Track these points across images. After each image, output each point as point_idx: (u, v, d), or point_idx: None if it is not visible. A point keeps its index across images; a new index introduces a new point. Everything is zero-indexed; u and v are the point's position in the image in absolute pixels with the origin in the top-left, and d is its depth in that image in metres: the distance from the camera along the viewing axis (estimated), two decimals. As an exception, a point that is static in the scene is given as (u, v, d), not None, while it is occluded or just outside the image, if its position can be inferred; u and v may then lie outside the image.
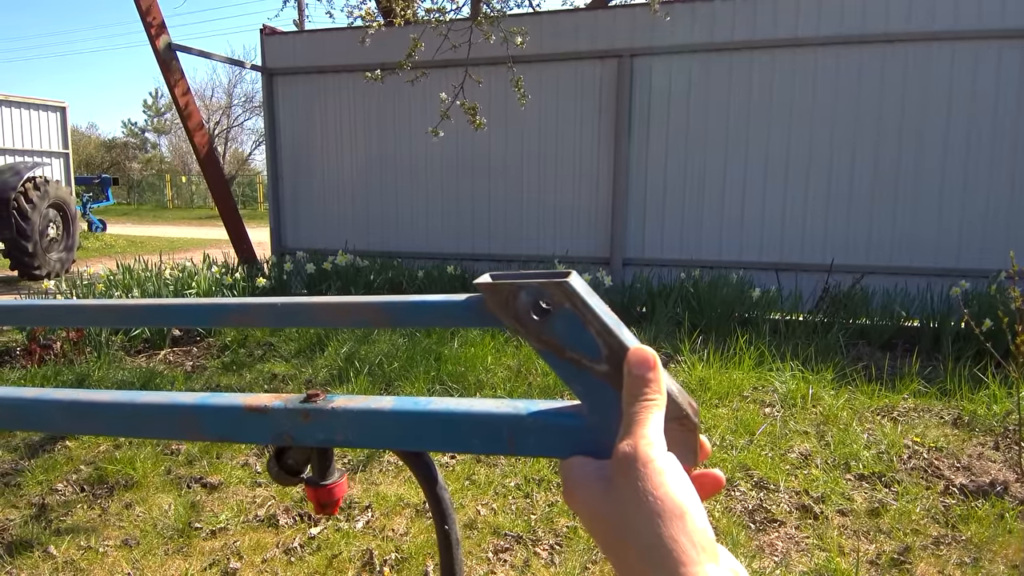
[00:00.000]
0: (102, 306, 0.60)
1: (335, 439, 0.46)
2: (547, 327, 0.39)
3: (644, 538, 0.35)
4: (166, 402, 0.50)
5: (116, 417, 0.52)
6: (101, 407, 0.52)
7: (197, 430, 0.49)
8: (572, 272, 0.40)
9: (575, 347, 0.40)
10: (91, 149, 33.18)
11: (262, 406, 0.47)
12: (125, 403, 0.51)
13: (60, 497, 2.94)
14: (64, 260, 9.77)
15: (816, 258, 5.94)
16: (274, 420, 0.47)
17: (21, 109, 12.54)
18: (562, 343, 0.40)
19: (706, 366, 4.33)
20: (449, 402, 0.45)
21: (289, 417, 0.46)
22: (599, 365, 0.39)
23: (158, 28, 6.52)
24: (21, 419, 0.56)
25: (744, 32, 5.89)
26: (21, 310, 0.64)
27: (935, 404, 3.90)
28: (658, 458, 0.37)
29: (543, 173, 6.67)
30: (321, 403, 0.46)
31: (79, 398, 0.53)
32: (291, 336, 5.17)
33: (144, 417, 0.51)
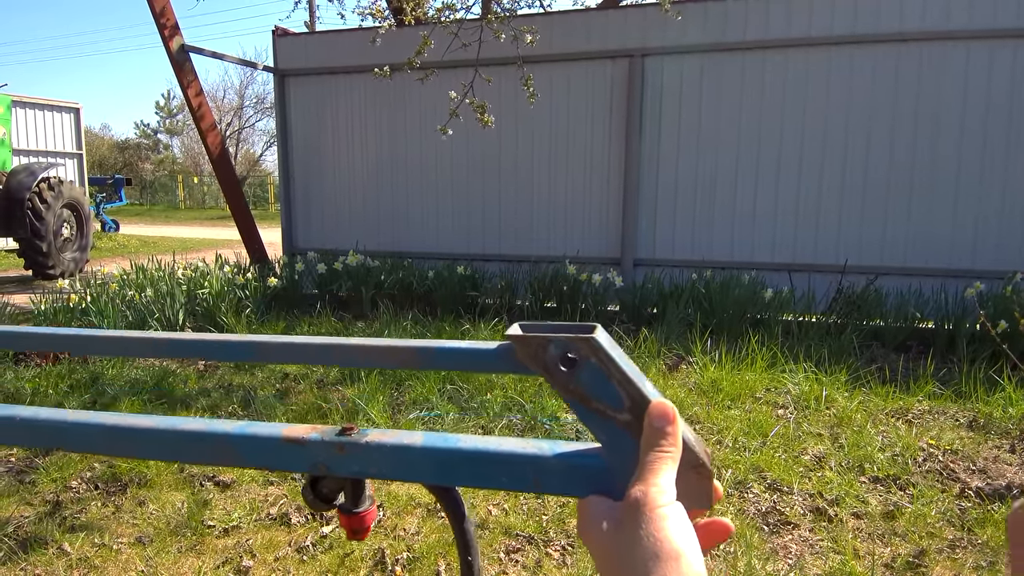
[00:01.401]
0: (160, 340, 0.61)
1: (368, 471, 0.48)
2: (574, 378, 0.42)
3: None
4: (206, 430, 0.52)
5: (157, 442, 0.53)
6: (142, 432, 0.53)
7: (236, 458, 0.52)
8: (597, 326, 0.43)
9: (600, 398, 0.43)
10: (104, 150, 33.48)
11: (299, 438, 0.49)
12: (166, 429, 0.53)
13: (74, 494, 2.96)
14: (78, 260, 9.84)
15: (829, 259, 5.90)
16: (311, 451, 0.49)
17: (36, 110, 12.68)
18: (588, 393, 0.43)
19: (718, 367, 4.31)
20: (477, 440, 0.48)
21: (325, 449, 0.49)
22: (621, 415, 0.42)
23: (172, 30, 6.57)
24: (64, 441, 0.57)
25: (757, 32, 5.86)
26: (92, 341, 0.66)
27: (950, 406, 3.86)
28: (664, 505, 0.40)
29: (554, 173, 6.66)
30: (355, 436, 0.48)
31: (121, 423, 0.55)
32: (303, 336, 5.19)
33: (184, 443, 0.53)
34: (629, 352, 4.68)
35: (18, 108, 11.82)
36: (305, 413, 3.73)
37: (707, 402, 3.88)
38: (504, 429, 3.53)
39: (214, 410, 3.83)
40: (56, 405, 3.80)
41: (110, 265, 7.20)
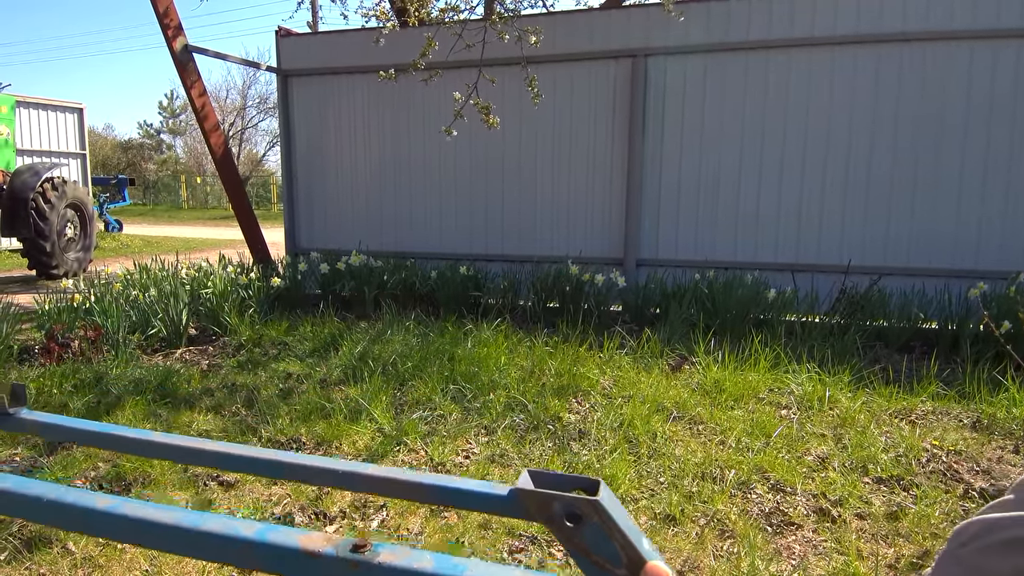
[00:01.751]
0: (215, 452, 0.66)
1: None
2: (578, 534, 0.46)
3: None
4: (226, 532, 0.54)
5: (179, 539, 0.56)
6: (166, 529, 0.56)
7: (252, 562, 0.54)
8: (601, 484, 0.47)
9: (600, 553, 0.46)
10: (107, 150, 33.54)
11: (315, 551, 0.52)
12: (189, 528, 0.55)
13: (79, 494, 2.97)
14: (81, 260, 9.87)
15: (832, 259, 5.89)
16: (325, 566, 0.52)
17: (39, 110, 12.71)
18: (590, 548, 0.46)
19: (721, 367, 4.31)
20: (485, 568, 0.50)
21: (337, 566, 0.51)
22: (619, 570, 0.46)
23: (175, 30, 6.58)
24: (92, 527, 0.60)
25: (760, 32, 5.86)
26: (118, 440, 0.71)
27: (954, 407, 3.85)
28: None
29: (556, 173, 6.66)
30: (368, 555, 0.51)
31: (147, 516, 0.57)
32: (305, 335, 5.20)
33: (204, 543, 0.55)
34: (632, 353, 4.68)
35: (22, 108, 11.85)
36: (308, 413, 3.73)
37: (710, 402, 3.88)
38: (507, 429, 3.54)
39: (218, 410, 3.84)
40: (61, 405, 3.82)
41: (113, 265, 7.22)
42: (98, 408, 3.82)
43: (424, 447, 3.37)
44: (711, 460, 3.19)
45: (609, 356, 4.60)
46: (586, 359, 4.52)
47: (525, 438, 3.45)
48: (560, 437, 3.47)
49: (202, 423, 3.68)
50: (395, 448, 3.38)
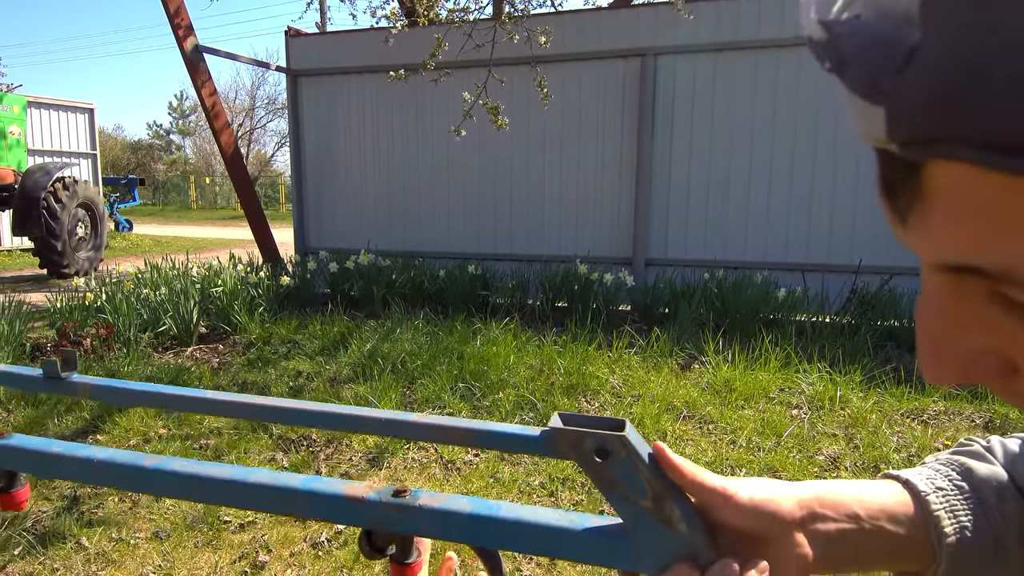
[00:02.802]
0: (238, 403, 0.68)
1: (419, 531, 0.55)
2: (607, 468, 0.49)
3: None
4: (275, 483, 0.58)
5: (229, 491, 0.59)
6: (216, 481, 0.59)
7: (300, 510, 0.57)
8: (626, 423, 0.49)
9: (627, 485, 0.49)
10: (117, 150, 33.77)
11: (359, 497, 0.55)
12: (239, 480, 0.58)
13: (91, 490, 2.99)
14: (92, 259, 9.93)
15: (843, 259, 5.87)
16: (368, 509, 0.55)
17: (50, 111, 12.81)
18: (617, 481, 0.50)
19: (731, 367, 4.29)
20: (518, 509, 0.54)
21: (381, 509, 0.55)
22: (645, 501, 0.49)
23: (186, 30, 6.62)
24: (142, 484, 0.63)
25: (770, 31, 5.84)
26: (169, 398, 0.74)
27: (966, 407, 3.83)
28: None
29: (565, 172, 6.66)
30: (409, 499, 0.55)
31: (197, 471, 0.60)
32: (315, 334, 5.22)
33: (254, 493, 0.58)
34: (642, 352, 4.68)
35: (33, 108, 11.94)
36: (318, 411, 3.74)
37: (720, 402, 3.87)
38: (517, 427, 3.53)
39: (228, 407, 3.85)
40: (72, 403, 3.84)
41: (124, 264, 7.26)
42: (111, 404, 3.85)
43: (434, 444, 3.37)
44: (722, 459, 3.18)
45: (618, 355, 4.60)
46: (595, 358, 4.51)
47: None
48: (570, 436, 3.46)
49: (213, 420, 3.70)
50: (405, 446, 3.38)
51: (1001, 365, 0.29)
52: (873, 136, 0.27)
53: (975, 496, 0.49)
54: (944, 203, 0.26)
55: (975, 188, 0.24)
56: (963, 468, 0.51)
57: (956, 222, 0.25)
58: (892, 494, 0.50)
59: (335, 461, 3.26)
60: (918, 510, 0.49)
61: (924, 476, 0.51)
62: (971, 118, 0.22)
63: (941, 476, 0.51)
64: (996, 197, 0.23)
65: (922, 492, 0.50)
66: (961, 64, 0.21)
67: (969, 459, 0.53)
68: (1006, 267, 0.25)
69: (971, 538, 0.48)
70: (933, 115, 0.23)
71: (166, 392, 0.74)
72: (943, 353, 0.30)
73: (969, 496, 0.49)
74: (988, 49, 0.21)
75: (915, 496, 0.50)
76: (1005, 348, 0.29)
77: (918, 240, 0.28)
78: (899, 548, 0.48)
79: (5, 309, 5.02)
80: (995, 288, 0.27)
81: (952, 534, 0.47)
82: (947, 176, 0.25)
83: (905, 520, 0.49)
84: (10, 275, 10.00)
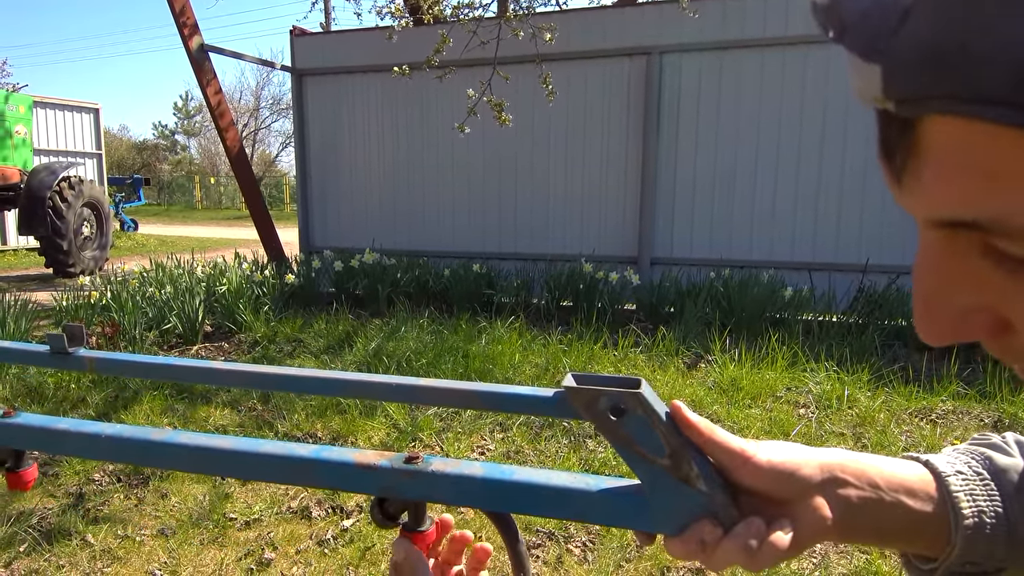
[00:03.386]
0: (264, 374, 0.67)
1: (432, 496, 0.54)
2: (622, 426, 0.48)
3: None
4: (284, 453, 0.57)
5: (238, 463, 0.58)
6: (225, 453, 0.58)
7: (311, 479, 0.57)
8: (642, 381, 0.48)
9: (644, 444, 0.48)
10: (123, 151, 33.87)
11: (370, 464, 0.54)
12: (248, 451, 0.58)
13: (97, 487, 2.99)
14: (98, 258, 9.95)
15: (850, 258, 5.84)
16: (380, 476, 0.55)
17: (56, 110, 12.84)
18: (634, 439, 0.48)
19: (738, 366, 4.27)
20: (532, 473, 0.53)
21: (393, 475, 0.54)
22: (662, 459, 0.48)
23: (191, 29, 6.62)
24: (149, 458, 0.62)
25: (776, 28, 5.81)
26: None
27: (974, 406, 3.80)
28: None
29: (570, 171, 6.64)
30: (421, 465, 0.54)
31: (205, 443, 0.59)
32: (320, 332, 5.21)
33: (263, 464, 0.57)
34: (647, 351, 4.66)
35: (39, 108, 11.97)
36: (324, 409, 3.74)
37: (727, 400, 3.85)
38: (522, 427, 3.52)
39: (234, 405, 3.85)
40: (78, 400, 3.85)
41: (130, 263, 7.28)
42: (116, 402, 3.85)
43: (439, 443, 3.36)
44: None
45: (624, 354, 4.58)
46: (600, 357, 4.50)
47: (540, 435, 3.43)
48: (575, 435, 3.45)
49: (218, 418, 3.69)
50: (410, 443, 3.37)
51: (993, 322, 0.30)
52: (871, 95, 0.27)
53: (994, 483, 0.49)
54: (936, 158, 0.26)
55: (965, 141, 0.25)
56: (983, 457, 0.51)
57: (947, 176, 0.26)
58: (914, 472, 0.50)
59: (340, 459, 3.25)
60: (939, 490, 0.49)
61: (945, 459, 0.51)
62: (961, 73, 0.23)
63: (961, 461, 0.51)
64: (986, 149, 0.24)
65: (943, 473, 0.49)
66: (949, 20, 0.23)
67: (989, 449, 0.52)
68: (996, 218, 0.25)
69: (988, 524, 0.47)
70: (925, 72, 0.24)
71: (174, 364, 0.73)
72: (935, 311, 0.31)
73: (988, 483, 0.49)
74: (975, 4, 0.22)
75: (936, 476, 0.49)
76: (996, 305, 0.29)
77: (913, 200, 0.29)
78: (917, 525, 0.48)
79: (10, 307, 5.02)
80: (986, 241, 0.27)
81: (970, 516, 0.47)
82: (939, 131, 0.26)
83: (925, 498, 0.48)
84: (16, 274, 10.03)
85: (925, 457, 0.52)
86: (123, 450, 0.62)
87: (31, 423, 0.66)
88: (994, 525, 0.47)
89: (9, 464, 0.73)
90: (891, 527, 0.48)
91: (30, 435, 0.65)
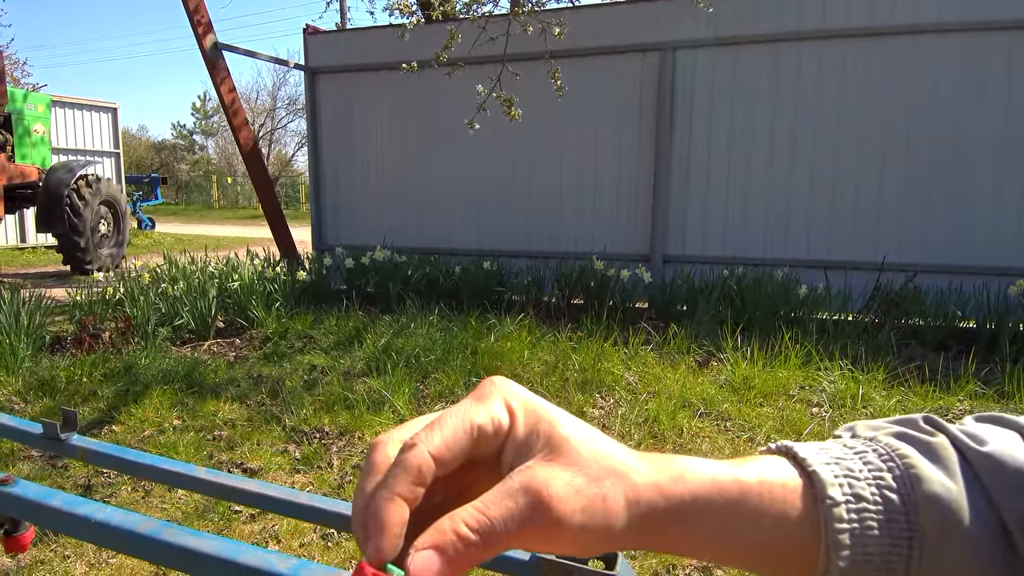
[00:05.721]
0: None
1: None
2: None
3: None
4: (263, 567, 0.56)
5: (217, 569, 0.58)
6: (204, 557, 0.59)
7: None
8: (619, 556, 0.47)
9: None
10: (141, 151, 34.27)
11: None
12: (229, 560, 0.58)
13: (105, 479, 3.00)
14: (115, 256, 10.05)
15: (867, 256, 5.74)
16: None
17: (74, 110, 13.01)
18: None
19: (750, 364, 4.21)
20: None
21: None
22: None
23: (205, 27, 6.66)
24: (134, 550, 0.64)
25: (792, 23, 5.74)
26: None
27: (993, 406, 3.72)
28: None
29: (582, 169, 6.60)
30: None
31: (187, 544, 0.60)
32: (330, 329, 5.22)
33: (241, 574, 0.57)
34: (658, 349, 4.61)
35: (57, 108, 12.12)
36: (332, 404, 3.74)
37: (738, 399, 3.79)
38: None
39: (243, 399, 3.86)
40: (89, 393, 3.87)
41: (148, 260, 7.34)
42: (127, 396, 3.87)
43: (446, 439, 3.34)
44: (739, 456, 3.11)
45: (634, 351, 4.54)
46: (610, 354, 4.46)
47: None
48: (584, 431, 3.42)
49: (227, 412, 3.70)
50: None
51: None
52: None
53: (909, 526, 0.34)
54: None
55: None
56: (905, 472, 0.35)
57: None
58: (777, 484, 0.36)
59: (347, 453, 3.24)
60: (807, 514, 0.35)
61: (839, 470, 0.36)
62: None
63: (864, 477, 0.35)
64: None
65: (828, 499, 0.34)
66: None
67: (920, 456, 0.36)
68: None
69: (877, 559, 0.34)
70: None
71: (163, 467, 0.81)
72: None
73: (902, 526, 0.34)
74: None
75: (814, 499, 0.35)
76: None
77: None
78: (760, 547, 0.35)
79: (25, 302, 5.08)
80: None
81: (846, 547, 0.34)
82: None
83: (786, 517, 0.35)
84: (34, 271, 10.16)
85: (803, 455, 0.37)
86: (109, 537, 0.63)
87: (26, 496, 0.68)
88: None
89: (7, 527, 0.76)
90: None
91: (24, 507, 0.68)
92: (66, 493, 0.70)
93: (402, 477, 0.31)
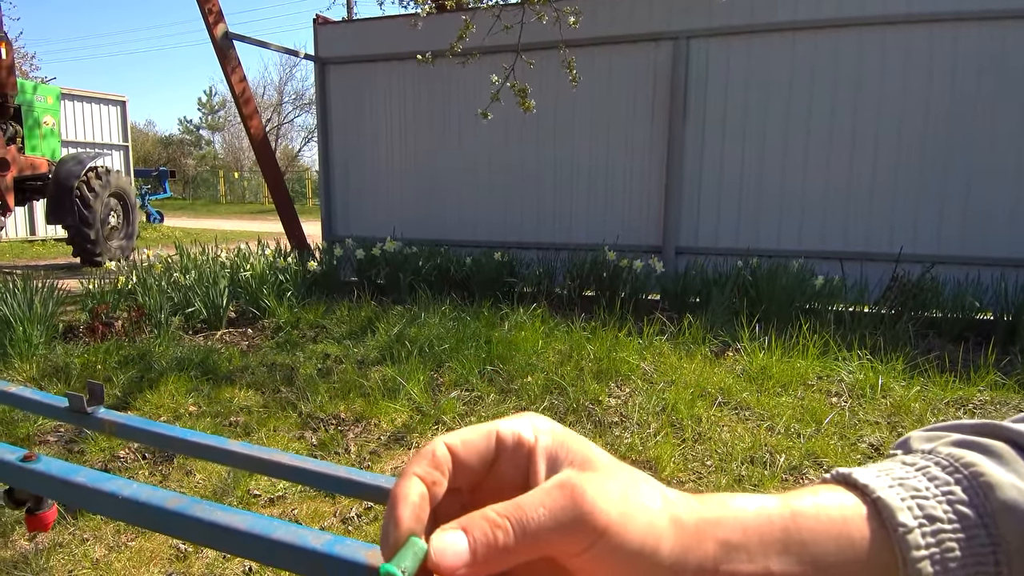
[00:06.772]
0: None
1: None
2: None
3: None
4: (296, 542, 0.55)
5: (250, 545, 0.57)
6: (237, 533, 0.58)
7: (320, 573, 0.55)
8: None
9: None
10: (148, 145, 34.34)
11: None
12: (260, 535, 0.56)
13: (122, 463, 2.99)
14: (124, 248, 10.06)
15: (883, 247, 5.69)
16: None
17: (83, 103, 13.02)
18: None
19: (767, 354, 4.18)
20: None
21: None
22: None
23: (216, 17, 6.64)
24: (163, 527, 0.62)
25: (808, 12, 5.68)
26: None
27: (1013, 397, 3.68)
28: None
29: (594, 159, 6.56)
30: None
31: (218, 520, 0.59)
32: (342, 319, 5.20)
33: (274, 550, 0.56)
34: (673, 339, 4.58)
35: (66, 100, 12.12)
36: (347, 391, 3.72)
37: (756, 389, 3.76)
38: (546, 411, 3.47)
39: (258, 387, 3.84)
40: (104, 380, 3.86)
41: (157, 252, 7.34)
42: (142, 382, 3.86)
43: (462, 425, 3.32)
44: (760, 445, 3.08)
45: (649, 342, 4.50)
46: (625, 344, 4.43)
47: (564, 420, 3.38)
48: (601, 420, 3.39)
49: (243, 399, 3.69)
50: (433, 426, 3.34)
51: None
52: None
53: (991, 540, 0.31)
54: None
55: None
56: (975, 481, 0.33)
57: None
58: (838, 515, 0.33)
59: (364, 439, 3.23)
60: (876, 545, 0.32)
61: (904, 492, 0.33)
62: None
63: (933, 494, 0.33)
64: None
65: (900, 526, 0.32)
66: None
67: (987, 461, 0.33)
68: None
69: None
70: None
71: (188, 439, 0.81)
72: None
73: (983, 540, 0.31)
74: None
75: (883, 526, 0.32)
76: None
77: None
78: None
79: (38, 291, 5.07)
80: None
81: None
82: None
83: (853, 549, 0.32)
84: (44, 263, 10.18)
85: (866, 483, 0.34)
86: (137, 514, 0.62)
87: (50, 472, 0.66)
88: None
89: (30, 505, 0.74)
90: None
91: (48, 484, 0.66)
92: (91, 469, 0.67)
93: (418, 460, 0.34)
